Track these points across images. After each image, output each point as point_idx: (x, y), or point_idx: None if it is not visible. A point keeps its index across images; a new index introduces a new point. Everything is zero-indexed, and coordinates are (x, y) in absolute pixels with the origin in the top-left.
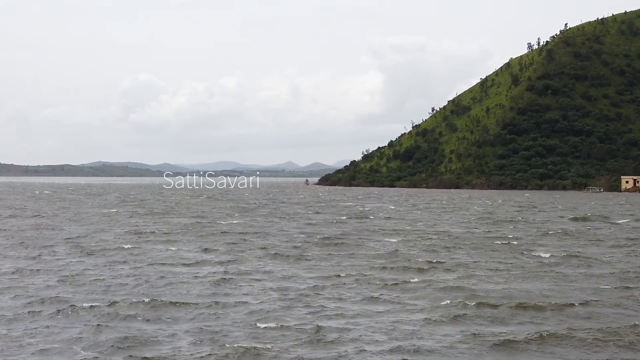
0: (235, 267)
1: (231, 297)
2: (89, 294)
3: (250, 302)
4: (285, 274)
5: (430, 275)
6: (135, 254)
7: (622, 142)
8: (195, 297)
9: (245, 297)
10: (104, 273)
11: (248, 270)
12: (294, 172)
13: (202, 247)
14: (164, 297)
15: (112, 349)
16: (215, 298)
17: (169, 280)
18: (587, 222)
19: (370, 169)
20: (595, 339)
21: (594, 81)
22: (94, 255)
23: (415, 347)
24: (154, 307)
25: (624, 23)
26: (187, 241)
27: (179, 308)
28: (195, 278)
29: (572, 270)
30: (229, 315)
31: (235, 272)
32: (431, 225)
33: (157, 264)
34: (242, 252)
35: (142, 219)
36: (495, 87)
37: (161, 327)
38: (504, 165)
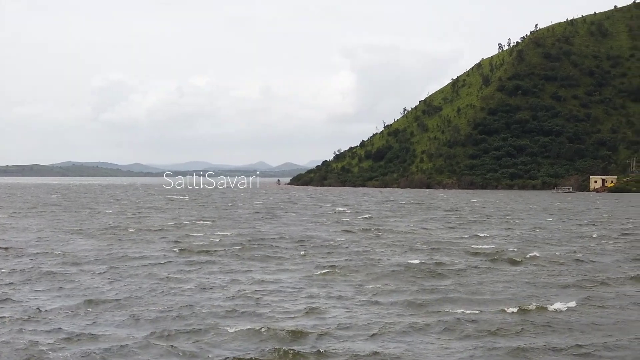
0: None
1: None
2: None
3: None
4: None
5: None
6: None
7: (591, 142)
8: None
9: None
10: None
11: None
12: (265, 172)
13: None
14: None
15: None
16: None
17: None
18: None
19: (342, 168)
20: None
21: (564, 82)
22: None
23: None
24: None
25: (593, 24)
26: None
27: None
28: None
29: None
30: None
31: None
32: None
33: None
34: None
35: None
36: (466, 87)
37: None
38: (474, 165)
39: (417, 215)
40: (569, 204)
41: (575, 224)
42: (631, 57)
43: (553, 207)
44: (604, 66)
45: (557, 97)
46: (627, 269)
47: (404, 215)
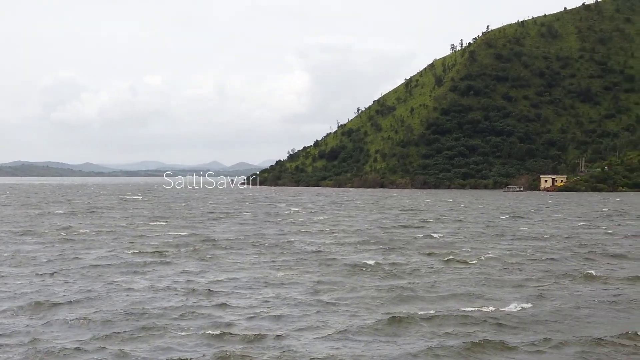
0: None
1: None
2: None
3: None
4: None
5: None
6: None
7: (541, 142)
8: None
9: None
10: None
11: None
12: (219, 172)
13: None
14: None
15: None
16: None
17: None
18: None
19: (296, 168)
20: None
21: (515, 82)
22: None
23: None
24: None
25: (543, 26)
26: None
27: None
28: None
29: None
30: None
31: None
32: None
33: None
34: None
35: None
36: (419, 87)
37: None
38: (427, 164)
39: (372, 215)
40: (521, 203)
41: (527, 223)
42: (580, 58)
43: (505, 206)
44: (554, 67)
45: (508, 97)
46: (578, 268)
47: (358, 214)
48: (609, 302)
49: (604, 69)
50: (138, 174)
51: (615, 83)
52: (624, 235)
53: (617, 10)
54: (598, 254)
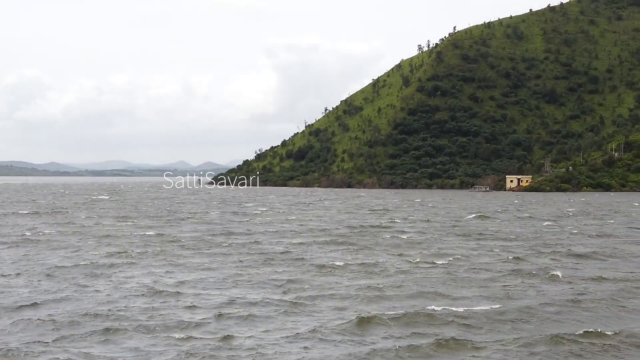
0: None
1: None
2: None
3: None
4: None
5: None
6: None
7: (507, 142)
8: None
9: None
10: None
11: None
12: (185, 172)
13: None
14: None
15: None
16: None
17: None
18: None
19: (263, 168)
20: None
21: (481, 83)
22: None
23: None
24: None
25: (509, 27)
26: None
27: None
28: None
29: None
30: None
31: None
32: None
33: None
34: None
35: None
36: (386, 87)
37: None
38: (394, 164)
39: (340, 215)
40: (487, 203)
41: (493, 223)
42: (545, 59)
43: (472, 206)
44: (520, 68)
45: (474, 98)
46: (544, 267)
47: (326, 214)
48: (575, 301)
49: (568, 70)
50: (104, 174)
51: (580, 84)
52: (588, 235)
53: (582, 12)
54: (563, 253)
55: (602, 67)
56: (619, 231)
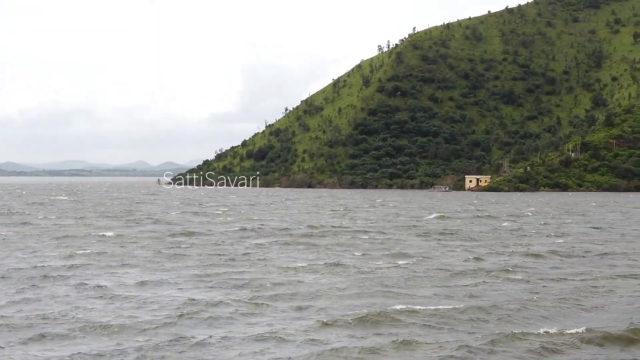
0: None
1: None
2: None
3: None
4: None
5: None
6: None
7: (466, 142)
8: None
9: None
10: None
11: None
12: (145, 172)
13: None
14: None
15: None
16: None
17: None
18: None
19: (224, 168)
20: None
21: (440, 84)
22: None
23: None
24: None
25: (468, 28)
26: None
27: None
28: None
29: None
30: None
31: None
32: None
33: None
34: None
35: None
36: (347, 87)
37: None
38: (355, 164)
39: (301, 215)
40: (447, 203)
41: (453, 223)
42: (504, 60)
43: (433, 206)
44: (478, 69)
45: (434, 98)
46: (504, 266)
47: (287, 214)
48: (534, 300)
49: (526, 72)
50: (62, 174)
51: (537, 85)
52: (546, 235)
53: (539, 14)
54: (522, 253)
55: (559, 68)
56: (577, 230)
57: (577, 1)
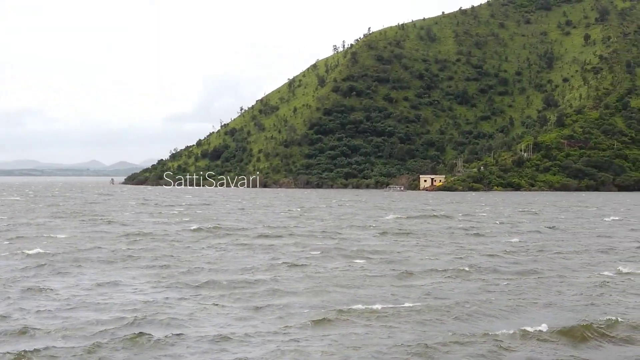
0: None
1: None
2: None
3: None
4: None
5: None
6: None
7: (420, 142)
8: None
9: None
10: None
11: None
12: (98, 171)
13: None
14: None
15: None
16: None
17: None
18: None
19: (178, 168)
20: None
21: (395, 84)
22: None
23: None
24: None
25: (422, 29)
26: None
27: None
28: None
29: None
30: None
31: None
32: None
33: None
34: None
35: None
36: (302, 87)
37: None
38: (310, 164)
39: (255, 215)
40: (402, 203)
41: (409, 222)
42: (457, 61)
43: (389, 206)
44: (433, 69)
45: (389, 98)
46: (458, 265)
47: (243, 214)
48: (493, 299)
49: (479, 72)
50: (12, 174)
51: (490, 86)
52: (502, 233)
53: (492, 15)
54: (479, 252)
55: (512, 69)
56: (531, 229)
57: (529, 3)
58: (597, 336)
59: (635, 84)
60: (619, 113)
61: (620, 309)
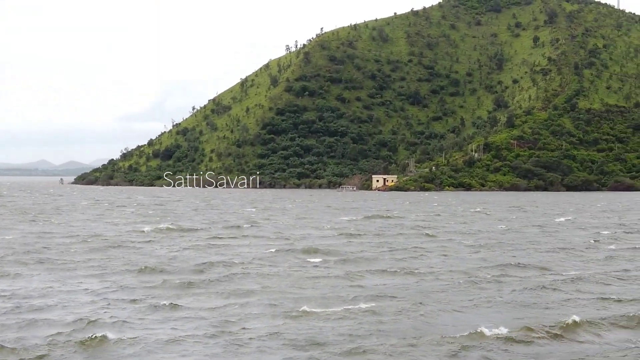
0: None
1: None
2: None
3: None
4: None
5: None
6: None
7: (373, 142)
8: None
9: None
10: None
11: None
12: (47, 171)
13: None
14: None
15: None
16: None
17: None
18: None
19: (129, 167)
20: None
21: (348, 84)
22: None
23: None
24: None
25: (374, 30)
26: None
27: None
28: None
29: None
30: None
31: None
32: None
33: None
34: None
35: None
36: (254, 87)
37: None
38: (263, 164)
39: (205, 215)
40: (355, 203)
41: (367, 223)
42: (409, 62)
43: (343, 205)
44: (385, 70)
45: (341, 98)
46: (409, 264)
47: (197, 214)
48: (445, 300)
49: (431, 73)
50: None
51: (442, 87)
52: (454, 232)
53: (443, 17)
54: (432, 252)
55: (463, 70)
56: (483, 228)
57: (480, 5)
58: (548, 335)
59: (582, 86)
60: (567, 114)
61: (572, 309)
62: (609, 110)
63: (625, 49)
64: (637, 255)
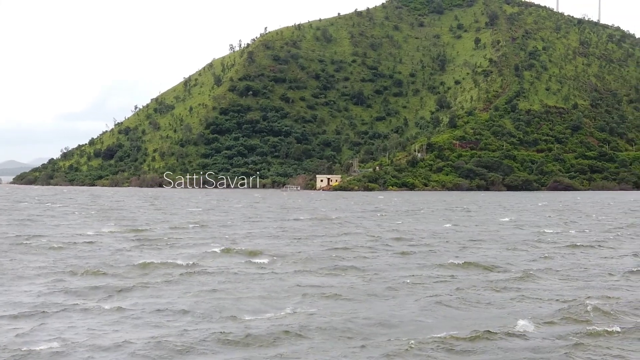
0: None
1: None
2: None
3: None
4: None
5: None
6: None
7: (317, 142)
8: None
9: None
10: None
11: None
12: None
13: None
14: None
15: None
16: None
17: None
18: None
19: (70, 167)
20: None
21: (292, 84)
22: None
23: None
24: None
25: (318, 30)
26: None
27: None
28: None
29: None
30: None
31: None
32: None
33: None
34: None
35: None
36: (198, 86)
37: None
38: (206, 164)
39: (148, 214)
40: (300, 203)
41: (310, 224)
42: (353, 62)
43: (289, 205)
44: (329, 70)
45: (286, 98)
46: (360, 264)
47: (139, 214)
48: (394, 306)
49: (375, 74)
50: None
51: (385, 87)
52: (397, 231)
53: (387, 17)
54: (380, 253)
55: (406, 71)
56: (427, 228)
57: (423, 6)
58: (495, 337)
59: (523, 87)
60: (507, 115)
61: (527, 310)
62: (548, 111)
63: (564, 51)
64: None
